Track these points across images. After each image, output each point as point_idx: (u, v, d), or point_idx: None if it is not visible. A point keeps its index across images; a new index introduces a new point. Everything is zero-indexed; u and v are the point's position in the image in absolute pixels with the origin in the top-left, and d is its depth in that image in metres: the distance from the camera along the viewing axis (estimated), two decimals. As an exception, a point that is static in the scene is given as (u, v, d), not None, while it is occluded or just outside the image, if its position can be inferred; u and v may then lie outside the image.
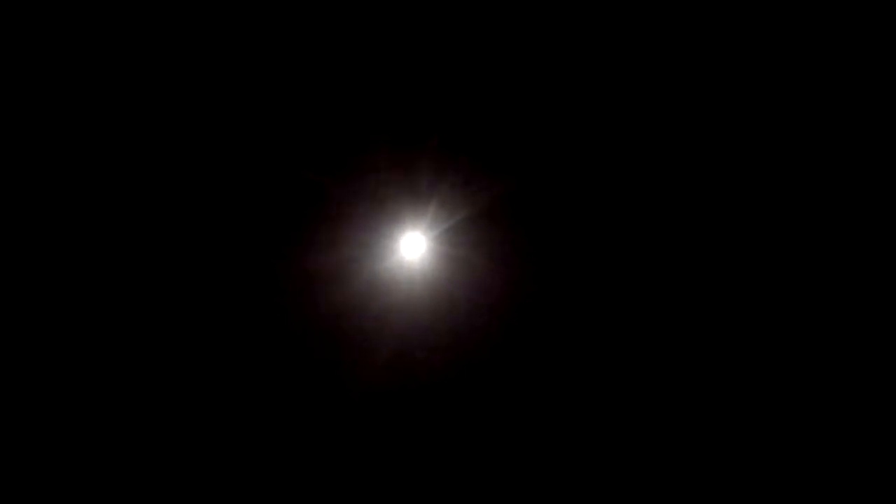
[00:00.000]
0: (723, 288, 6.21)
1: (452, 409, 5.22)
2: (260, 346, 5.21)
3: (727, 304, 6.28)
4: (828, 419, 5.25)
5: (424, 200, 4.72)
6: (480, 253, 4.97)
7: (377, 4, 5.16)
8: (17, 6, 5.17)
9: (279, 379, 5.25)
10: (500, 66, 5.18)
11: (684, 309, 5.89)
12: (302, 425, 5.34)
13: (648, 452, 6.00)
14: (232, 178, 5.36)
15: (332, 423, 5.30)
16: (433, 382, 5.19)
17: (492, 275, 5.02)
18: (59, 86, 5.66)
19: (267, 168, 5.20)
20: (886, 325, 5.57)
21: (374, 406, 5.24)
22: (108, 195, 5.65)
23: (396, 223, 4.92)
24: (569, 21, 5.42)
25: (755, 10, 5.62)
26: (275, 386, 5.23)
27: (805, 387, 5.66)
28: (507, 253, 5.08)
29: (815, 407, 5.43)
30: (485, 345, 5.19)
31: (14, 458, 4.83)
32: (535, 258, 5.23)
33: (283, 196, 5.12)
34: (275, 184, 5.12)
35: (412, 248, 5.03)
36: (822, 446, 4.79)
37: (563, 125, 5.25)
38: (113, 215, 5.55)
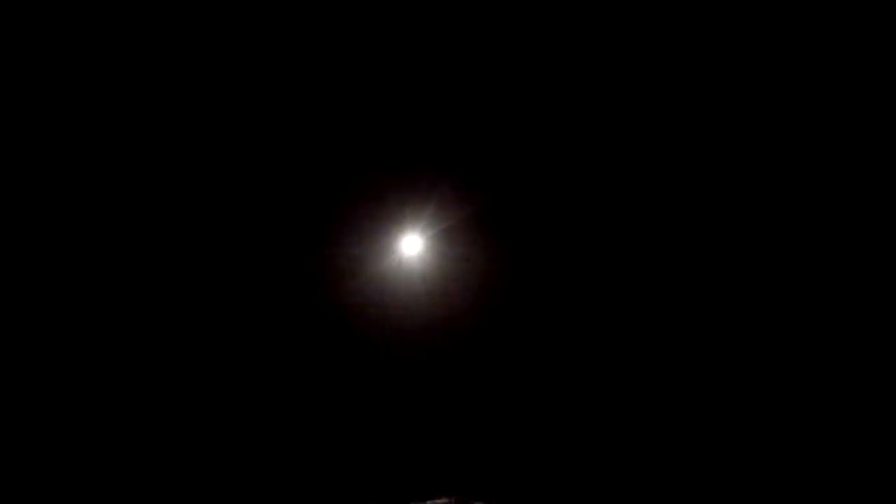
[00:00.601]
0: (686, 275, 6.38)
1: (443, 378, 6.38)
2: (288, 325, 6.23)
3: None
4: (813, 417, 5.01)
5: (420, 209, 5.89)
6: (467, 251, 6.18)
7: (382, 17, 5.84)
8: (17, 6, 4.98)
9: (305, 350, 6.29)
10: (488, 89, 6.20)
11: (657, 297, 6.58)
12: (323, 386, 6.35)
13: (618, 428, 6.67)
14: (257, 190, 6.26)
15: (347, 384, 6.33)
16: (429, 356, 6.37)
17: (477, 269, 6.24)
18: (82, 90, 5.77)
19: (291, 181, 6.20)
20: (886, 324, 5.30)
21: (379, 374, 6.33)
22: (145, 199, 6.29)
23: (398, 227, 6.09)
24: (549, 43, 5.78)
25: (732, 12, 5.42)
26: (301, 355, 6.27)
27: (782, 383, 5.45)
28: (489, 251, 6.30)
29: (793, 404, 5.21)
30: (471, 326, 6.40)
31: (15, 457, 4.65)
32: (512, 256, 6.44)
33: (305, 204, 6.15)
34: (300, 194, 6.15)
35: (411, 246, 6.22)
36: (813, 445, 4.51)
37: (538, 142, 6.32)
38: (150, 221, 6.19)
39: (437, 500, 5.85)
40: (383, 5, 5.69)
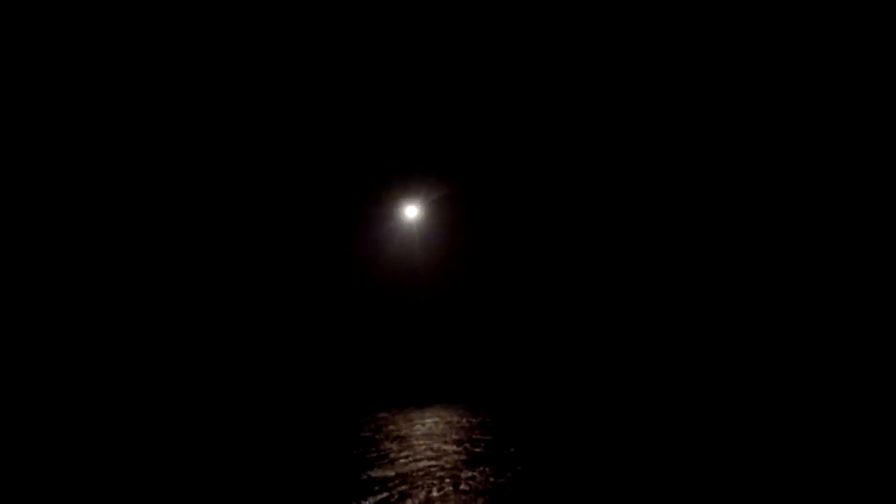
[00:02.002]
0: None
1: (434, 309, 9.65)
2: (322, 267, 9.40)
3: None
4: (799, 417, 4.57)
5: (417, 188, 9.16)
6: (452, 216, 9.46)
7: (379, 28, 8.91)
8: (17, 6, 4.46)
9: (335, 287, 9.51)
10: (473, 92, 9.27)
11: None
12: (346, 314, 9.56)
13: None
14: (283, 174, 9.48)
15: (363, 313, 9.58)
16: (424, 293, 9.65)
17: (458, 228, 9.51)
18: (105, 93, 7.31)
19: (317, 166, 9.42)
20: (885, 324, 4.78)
21: (389, 307, 9.60)
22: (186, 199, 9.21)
23: (401, 199, 9.30)
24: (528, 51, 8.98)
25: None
26: (331, 291, 9.45)
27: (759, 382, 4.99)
28: (468, 217, 9.59)
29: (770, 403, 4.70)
30: (455, 268, 9.69)
31: (17, 457, 4.31)
32: (486, 221, 9.72)
33: (340, 185, 9.34)
34: (325, 178, 9.32)
35: (412, 211, 9.51)
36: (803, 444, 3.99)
37: (510, 135, 9.54)
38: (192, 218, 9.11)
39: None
40: (392, 9, 8.22)
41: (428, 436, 6.17)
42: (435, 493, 3.66)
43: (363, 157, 8.85)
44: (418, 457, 4.85)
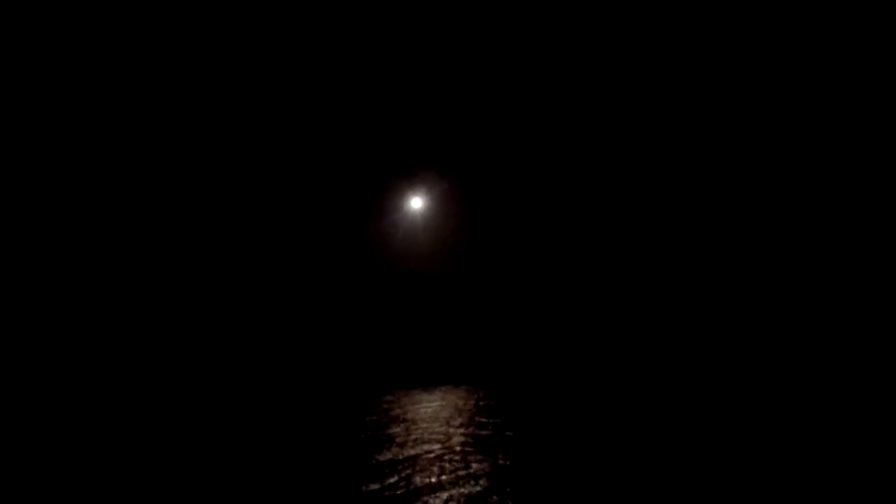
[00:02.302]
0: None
1: (440, 281, 9.79)
2: (344, 248, 9.60)
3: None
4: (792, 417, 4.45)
5: (422, 182, 9.25)
6: (453, 203, 9.52)
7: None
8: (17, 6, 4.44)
9: (353, 264, 9.72)
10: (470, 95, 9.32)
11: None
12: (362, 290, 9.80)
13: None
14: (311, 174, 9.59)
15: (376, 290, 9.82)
16: (427, 268, 9.80)
17: (458, 213, 9.58)
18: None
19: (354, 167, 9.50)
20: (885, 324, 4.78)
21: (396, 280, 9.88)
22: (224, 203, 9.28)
23: (411, 190, 9.38)
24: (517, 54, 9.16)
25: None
26: (350, 269, 9.66)
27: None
28: (466, 203, 9.67)
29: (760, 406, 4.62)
30: (452, 250, 9.81)
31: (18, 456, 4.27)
32: (483, 207, 9.84)
33: (359, 179, 9.43)
34: (357, 175, 9.43)
35: (417, 203, 9.56)
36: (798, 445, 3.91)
37: (506, 134, 9.56)
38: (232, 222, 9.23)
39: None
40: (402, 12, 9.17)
41: (434, 418, 6.26)
42: (444, 477, 3.71)
43: (378, 155, 9.50)
44: (425, 440, 4.92)
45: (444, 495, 3.24)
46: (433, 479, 3.61)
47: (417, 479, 3.62)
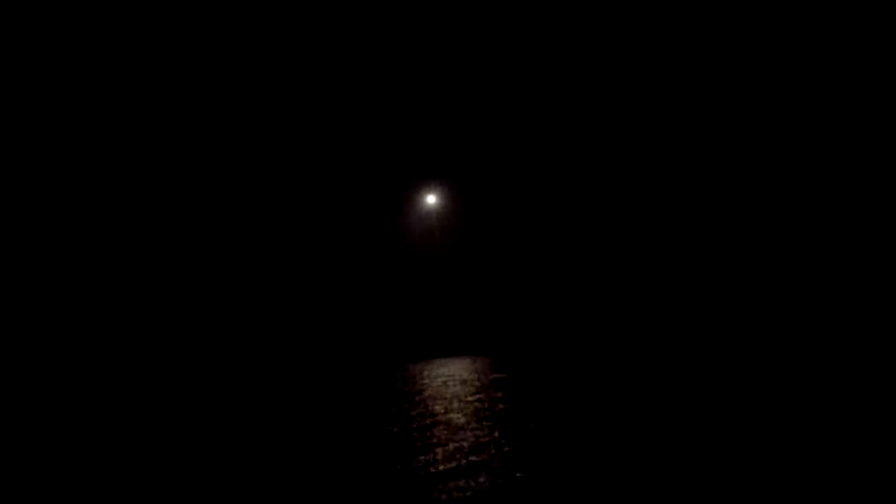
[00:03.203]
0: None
1: (449, 263, 11.68)
2: (367, 235, 11.28)
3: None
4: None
5: (434, 181, 11.01)
6: (459, 200, 11.19)
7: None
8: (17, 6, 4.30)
9: (375, 248, 11.41)
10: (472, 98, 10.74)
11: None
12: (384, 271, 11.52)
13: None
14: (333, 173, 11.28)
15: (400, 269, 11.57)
16: (442, 252, 11.70)
17: (464, 207, 11.31)
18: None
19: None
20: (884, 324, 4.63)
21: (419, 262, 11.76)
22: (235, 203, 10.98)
23: (425, 189, 10.98)
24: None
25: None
26: (373, 252, 11.35)
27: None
28: (472, 199, 11.38)
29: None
30: (460, 239, 11.61)
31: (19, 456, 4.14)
32: (488, 204, 11.50)
33: (381, 180, 11.12)
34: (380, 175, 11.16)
35: (432, 197, 11.20)
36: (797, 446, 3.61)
37: (504, 134, 11.01)
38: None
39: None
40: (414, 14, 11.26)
41: (450, 385, 7.89)
42: (455, 405, 5.50)
43: (403, 160, 11.25)
44: (445, 409, 6.36)
45: (456, 416, 4.95)
46: (445, 408, 5.44)
47: (437, 407, 5.57)
